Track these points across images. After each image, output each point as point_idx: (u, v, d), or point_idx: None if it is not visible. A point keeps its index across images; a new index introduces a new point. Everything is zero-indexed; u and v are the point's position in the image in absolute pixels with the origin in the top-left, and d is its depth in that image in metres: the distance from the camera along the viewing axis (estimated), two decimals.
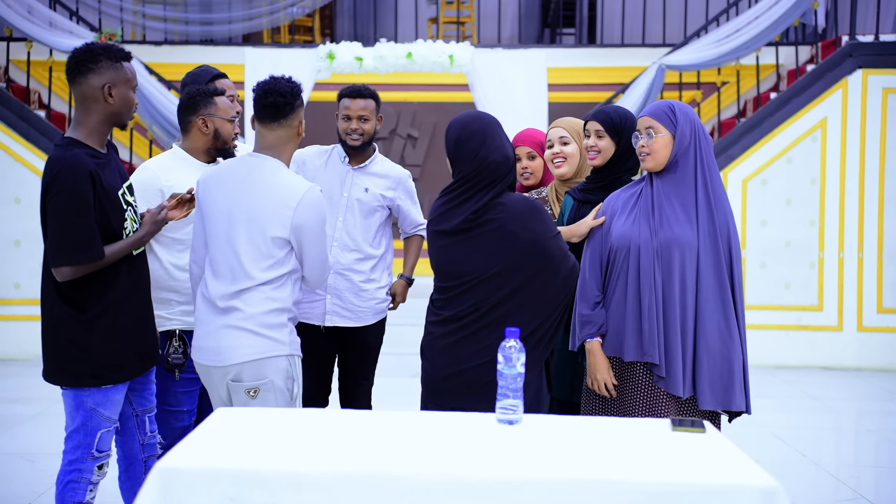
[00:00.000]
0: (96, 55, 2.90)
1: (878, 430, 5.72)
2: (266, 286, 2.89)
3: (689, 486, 2.01)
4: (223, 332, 2.89)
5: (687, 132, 2.91)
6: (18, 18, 7.42)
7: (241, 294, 2.88)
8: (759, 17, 7.50)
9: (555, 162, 3.40)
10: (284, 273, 2.92)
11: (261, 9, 8.31)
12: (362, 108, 3.78)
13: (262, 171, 2.93)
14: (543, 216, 2.93)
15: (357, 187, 3.81)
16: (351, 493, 2.00)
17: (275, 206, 2.88)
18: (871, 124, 7.48)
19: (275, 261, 2.89)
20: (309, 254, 2.94)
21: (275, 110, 2.93)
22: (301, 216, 2.88)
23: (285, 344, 2.92)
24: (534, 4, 11.10)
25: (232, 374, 2.89)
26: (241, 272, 2.89)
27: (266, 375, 2.88)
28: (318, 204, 2.94)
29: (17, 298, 7.37)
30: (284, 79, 2.97)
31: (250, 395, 2.87)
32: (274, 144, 2.96)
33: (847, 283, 7.46)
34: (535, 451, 2.18)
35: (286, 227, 2.88)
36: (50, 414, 5.64)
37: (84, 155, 2.81)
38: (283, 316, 2.92)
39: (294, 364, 2.95)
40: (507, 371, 2.36)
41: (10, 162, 7.38)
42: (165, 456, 2.11)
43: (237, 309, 2.88)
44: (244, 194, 2.91)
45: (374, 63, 7.58)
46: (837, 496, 4.36)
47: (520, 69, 7.69)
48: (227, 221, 2.91)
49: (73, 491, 2.93)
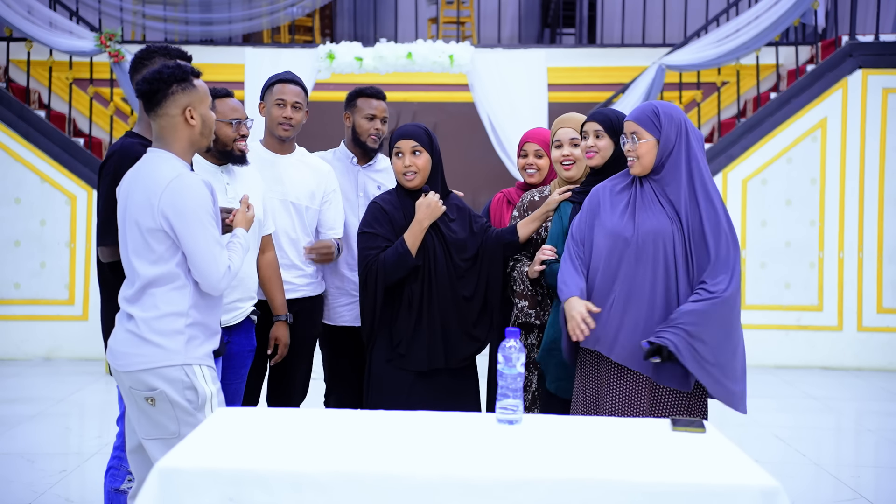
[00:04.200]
0: (151, 55, 3.07)
1: (878, 430, 5.72)
2: (156, 288, 2.70)
3: (689, 486, 2.01)
4: (121, 336, 2.74)
5: (672, 136, 2.90)
6: (18, 18, 7.42)
7: (138, 297, 2.71)
8: (759, 17, 7.50)
9: (564, 164, 3.37)
10: (171, 271, 2.70)
11: (261, 9, 8.30)
12: (384, 109, 3.83)
13: (146, 165, 2.75)
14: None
15: (370, 186, 3.84)
16: (351, 493, 2.00)
17: (143, 196, 2.69)
18: (871, 124, 7.49)
19: (157, 256, 2.69)
20: (186, 247, 2.68)
21: (144, 99, 2.74)
22: (166, 202, 2.65)
23: (178, 353, 2.69)
24: (534, 4, 11.09)
25: (130, 380, 2.71)
26: (131, 271, 2.74)
27: (157, 385, 2.67)
28: (186, 189, 2.69)
29: (17, 298, 7.37)
30: (167, 65, 2.76)
31: (149, 403, 2.69)
32: (160, 135, 2.76)
33: (847, 283, 7.46)
34: (534, 451, 2.18)
35: (154, 216, 2.67)
36: (50, 414, 5.64)
37: (136, 144, 2.95)
38: (179, 321, 2.70)
39: (193, 374, 2.70)
40: (507, 371, 2.36)
41: (10, 162, 7.38)
42: (166, 456, 2.11)
43: (132, 314, 2.72)
44: (129, 189, 2.75)
45: (374, 63, 7.58)
46: (837, 496, 4.36)
47: (520, 69, 7.69)
48: (121, 219, 2.78)
49: (113, 477, 3.10)
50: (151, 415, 2.69)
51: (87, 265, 7.37)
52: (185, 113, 2.73)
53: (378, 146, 3.84)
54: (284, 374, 3.65)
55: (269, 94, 3.65)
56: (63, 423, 5.53)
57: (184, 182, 2.69)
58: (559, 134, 3.39)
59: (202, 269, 2.69)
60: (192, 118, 2.74)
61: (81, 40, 7.51)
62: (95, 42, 7.38)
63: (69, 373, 6.87)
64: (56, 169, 7.38)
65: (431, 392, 3.28)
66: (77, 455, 4.80)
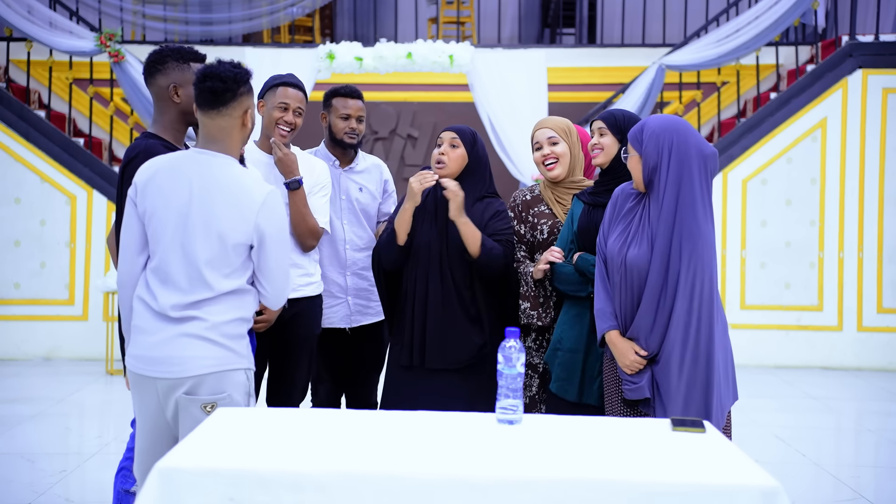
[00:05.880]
0: (164, 56, 2.99)
1: (878, 430, 5.72)
2: (229, 295, 2.62)
3: (689, 486, 2.01)
4: (179, 341, 2.58)
5: (652, 154, 2.84)
6: (18, 18, 7.42)
7: (201, 304, 2.59)
8: (759, 17, 7.51)
9: (546, 164, 3.38)
10: (244, 282, 2.65)
11: (261, 9, 8.31)
12: (360, 108, 3.85)
13: (216, 171, 2.64)
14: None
15: (353, 188, 3.86)
16: (351, 493, 2.00)
17: (235, 209, 2.60)
18: (871, 124, 7.49)
19: (232, 269, 2.62)
20: (270, 263, 2.64)
21: (213, 96, 2.63)
22: (263, 219, 2.61)
23: (245, 357, 2.66)
24: (534, 4, 11.09)
25: (186, 386, 2.57)
26: (199, 281, 2.59)
27: (225, 389, 2.59)
28: (280, 207, 2.69)
29: (17, 298, 7.37)
30: (227, 64, 2.68)
31: (206, 411, 2.56)
32: (217, 136, 2.66)
33: (847, 283, 7.46)
34: (535, 451, 2.18)
35: (248, 232, 2.60)
36: (50, 414, 5.64)
37: (159, 145, 2.91)
38: (244, 327, 2.66)
39: (251, 379, 2.68)
40: (507, 371, 2.36)
41: (10, 162, 7.38)
42: (166, 456, 2.11)
43: (197, 318, 2.58)
44: (199, 196, 2.61)
45: (374, 63, 7.58)
46: (837, 496, 4.36)
47: (520, 69, 7.69)
48: (180, 227, 2.61)
49: (124, 478, 3.08)
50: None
51: (87, 265, 7.38)
52: (245, 115, 2.69)
53: (356, 143, 3.85)
54: (284, 374, 3.65)
55: (271, 95, 3.62)
56: (63, 423, 5.53)
57: (277, 199, 2.67)
58: (537, 136, 3.40)
59: (278, 286, 2.68)
60: (248, 121, 2.72)
61: (81, 40, 7.52)
62: (95, 42, 7.39)
63: (69, 373, 6.87)
64: (56, 169, 7.38)
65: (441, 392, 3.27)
66: (77, 455, 4.80)
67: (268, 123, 3.63)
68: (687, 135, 2.86)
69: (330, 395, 3.92)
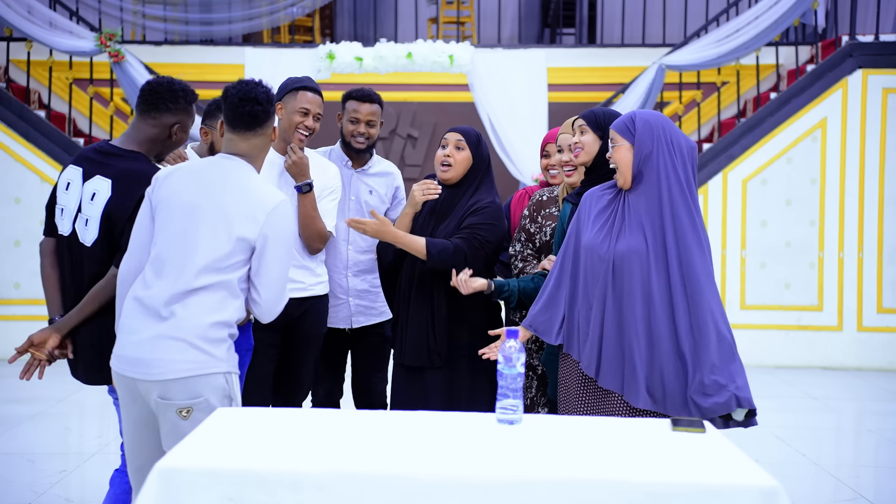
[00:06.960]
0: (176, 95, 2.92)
1: (878, 430, 5.72)
2: (211, 293, 2.60)
3: (689, 486, 2.01)
4: (156, 342, 2.57)
5: (647, 141, 2.80)
6: (18, 18, 7.42)
7: (185, 298, 2.58)
8: (759, 17, 7.51)
9: (565, 170, 3.34)
10: (234, 280, 2.63)
11: (261, 9, 8.31)
12: (371, 112, 3.78)
13: (236, 173, 2.70)
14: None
15: (363, 190, 3.85)
16: (351, 493, 2.00)
17: (247, 207, 2.63)
18: (871, 124, 7.49)
19: (229, 263, 2.61)
20: (269, 269, 2.65)
21: (252, 119, 2.69)
22: (272, 221, 2.64)
23: (223, 360, 2.61)
24: (534, 4, 11.09)
25: (159, 390, 2.56)
26: (190, 268, 2.59)
27: (202, 393, 2.56)
28: (290, 217, 2.73)
29: (17, 298, 7.37)
30: (259, 85, 2.72)
31: (182, 416, 2.55)
32: (247, 153, 2.73)
33: (847, 283, 7.46)
34: (535, 451, 2.18)
35: (254, 230, 2.62)
36: (50, 414, 5.64)
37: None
38: (224, 331, 2.62)
39: (231, 382, 2.64)
40: (507, 371, 2.36)
41: (10, 162, 7.38)
42: (165, 456, 2.11)
43: (175, 316, 2.57)
44: (213, 191, 2.66)
45: (374, 63, 7.58)
46: (837, 496, 4.36)
47: (520, 69, 7.70)
48: (187, 216, 2.64)
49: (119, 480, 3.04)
50: (181, 428, 2.53)
51: None
52: (274, 129, 2.78)
53: (366, 149, 3.81)
54: (291, 372, 3.68)
55: (291, 98, 3.59)
56: (63, 423, 5.53)
57: (289, 208, 2.72)
58: (561, 140, 3.40)
59: (272, 294, 2.68)
60: (275, 133, 2.79)
61: (81, 40, 7.52)
62: (95, 42, 7.39)
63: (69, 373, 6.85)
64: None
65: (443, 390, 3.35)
66: (77, 455, 4.80)
67: (287, 127, 3.59)
68: (674, 126, 2.89)
69: (329, 395, 3.92)
